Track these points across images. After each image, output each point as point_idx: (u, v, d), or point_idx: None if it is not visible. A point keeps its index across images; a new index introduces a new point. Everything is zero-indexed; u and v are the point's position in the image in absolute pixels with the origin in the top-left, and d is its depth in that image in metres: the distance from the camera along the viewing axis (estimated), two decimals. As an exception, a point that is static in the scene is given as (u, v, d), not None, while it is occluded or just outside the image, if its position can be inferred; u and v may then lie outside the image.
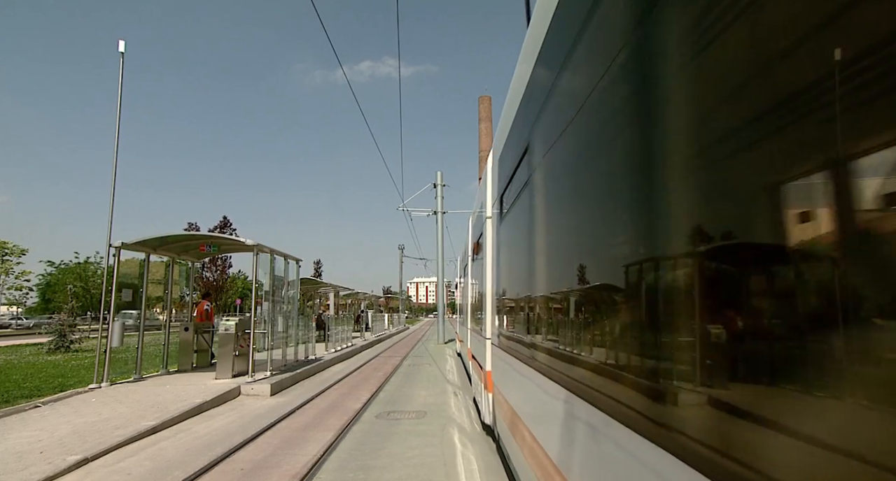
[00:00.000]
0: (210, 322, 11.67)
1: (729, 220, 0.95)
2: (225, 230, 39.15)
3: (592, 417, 1.55)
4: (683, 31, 1.05)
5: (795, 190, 0.78)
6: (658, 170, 1.17)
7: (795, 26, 0.75)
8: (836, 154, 0.69)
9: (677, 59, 1.08)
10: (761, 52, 0.83)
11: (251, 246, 9.31)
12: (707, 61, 0.97)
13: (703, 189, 1.01)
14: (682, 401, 1.03)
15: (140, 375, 9.41)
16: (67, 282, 36.53)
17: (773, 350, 0.82)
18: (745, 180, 0.89)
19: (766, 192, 0.84)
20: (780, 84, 0.79)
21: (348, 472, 4.49)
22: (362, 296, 31.93)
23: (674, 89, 1.11)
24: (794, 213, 0.78)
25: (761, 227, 0.87)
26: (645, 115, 1.24)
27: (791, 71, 0.76)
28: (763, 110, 0.83)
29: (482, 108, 37.32)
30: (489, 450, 5.09)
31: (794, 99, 0.75)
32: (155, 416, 6.23)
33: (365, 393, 8.84)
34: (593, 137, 1.64)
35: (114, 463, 4.74)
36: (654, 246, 1.20)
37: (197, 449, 5.21)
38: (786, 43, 0.78)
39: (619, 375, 1.37)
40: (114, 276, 8.93)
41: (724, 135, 0.94)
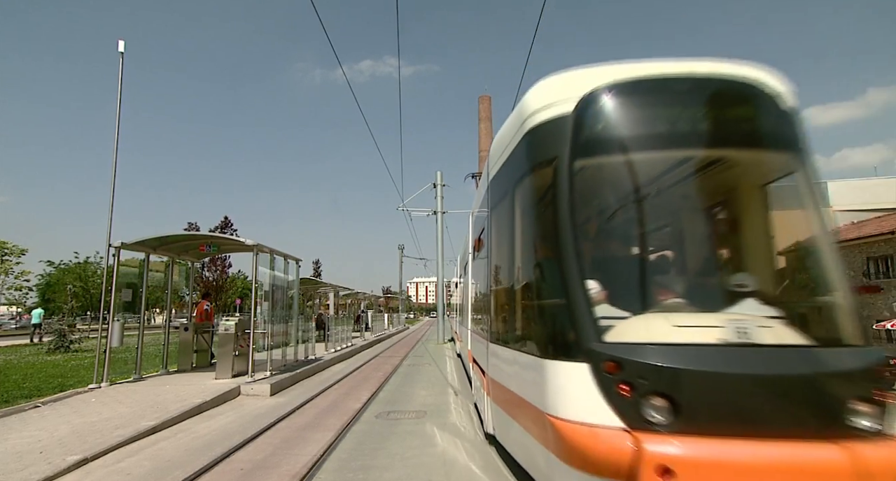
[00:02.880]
0: (210, 322, 11.67)
1: (505, 280, 4.37)
2: (226, 230, 39.11)
3: (499, 348, 4.63)
4: (503, 217, 4.38)
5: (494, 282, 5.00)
6: (501, 261, 4.62)
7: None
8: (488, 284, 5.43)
9: (501, 225, 4.51)
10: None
11: (251, 246, 9.31)
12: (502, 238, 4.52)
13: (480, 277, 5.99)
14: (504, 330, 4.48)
15: (140, 375, 9.41)
16: (67, 282, 36.52)
17: (498, 320, 4.76)
18: (504, 267, 4.40)
19: (492, 285, 5.05)
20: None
21: (348, 472, 4.48)
22: (362, 296, 31.90)
23: (495, 244, 4.91)
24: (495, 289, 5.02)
25: (506, 286, 4.39)
26: (506, 245, 4.28)
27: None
28: (508, 260, 4.19)
29: (482, 108, 37.29)
30: (488, 452, 5.08)
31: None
32: (155, 416, 6.22)
33: (365, 393, 8.83)
34: (490, 241, 5.17)
35: (113, 463, 4.73)
36: (498, 287, 4.74)
37: (197, 449, 5.20)
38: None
39: (496, 325, 4.85)
40: (114, 276, 8.92)
41: (502, 273, 4.50)
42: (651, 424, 2.63)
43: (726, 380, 2.67)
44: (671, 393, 2.65)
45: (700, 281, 3.66)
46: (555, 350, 3.11)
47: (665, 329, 2.90)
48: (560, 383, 2.99)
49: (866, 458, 2.40)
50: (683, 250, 3.85)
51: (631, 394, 2.70)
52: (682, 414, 2.62)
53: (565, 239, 3.13)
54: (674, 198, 3.68)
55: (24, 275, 38.76)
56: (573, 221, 3.15)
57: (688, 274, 3.73)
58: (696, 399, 2.65)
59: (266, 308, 9.84)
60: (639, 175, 3.49)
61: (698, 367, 2.69)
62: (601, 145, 3.32)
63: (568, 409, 2.90)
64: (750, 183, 3.60)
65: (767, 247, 3.51)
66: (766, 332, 2.81)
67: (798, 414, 2.64)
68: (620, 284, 3.37)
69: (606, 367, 2.78)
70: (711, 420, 2.60)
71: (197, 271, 33.25)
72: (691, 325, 2.91)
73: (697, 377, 2.68)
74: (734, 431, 2.55)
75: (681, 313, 3.11)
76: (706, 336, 2.82)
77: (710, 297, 3.35)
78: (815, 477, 2.42)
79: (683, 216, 3.84)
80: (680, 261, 3.78)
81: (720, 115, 3.34)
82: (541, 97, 3.56)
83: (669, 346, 2.80)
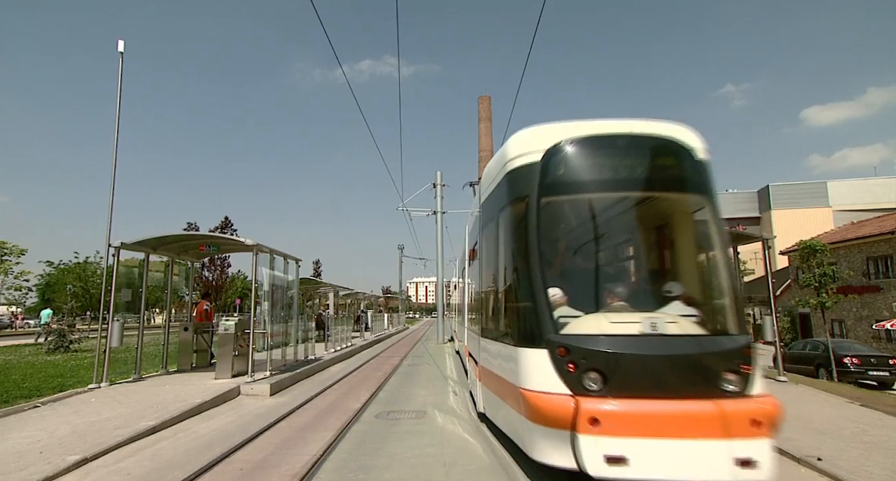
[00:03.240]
0: (209, 322, 11.66)
1: (491, 287, 5.54)
2: (226, 230, 39.08)
3: (483, 338, 6.08)
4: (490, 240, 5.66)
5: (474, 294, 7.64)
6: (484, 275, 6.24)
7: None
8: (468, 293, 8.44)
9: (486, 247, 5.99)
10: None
11: (251, 246, 9.30)
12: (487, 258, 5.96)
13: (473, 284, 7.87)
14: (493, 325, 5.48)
15: (139, 375, 9.41)
16: (67, 282, 36.47)
17: (486, 319, 5.98)
18: (491, 276, 5.60)
19: (483, 290, 6.33)
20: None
21: (348, 472, 4.49)
22: (362, 296, 31.90)
23: (484, 258, 6.15)
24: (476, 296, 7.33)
25: (488, 293, 5.87)
26: (492, 260, 5.45)
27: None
28: (490, 278, 5.66)
29: (482, 108, 37.27)
30: (485, 443, 5.09)
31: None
32: (154, 416, 6.22)
33: (364, 393, 8.84)
34: (481, 253, 6.43)
35: (113, 463, 4.73)
36: (487, 292, 5.91)
37: (196, 449, 5.21)
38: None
39: (486, 323, 5.99)
40: (113, 276, 8.92)
41: (488, 283, 5.80)
42: (587, 390, 3.78)
43: (639, 359, 3.83)
44: (602, 368, 3.81)
45: (636, 289, 4.79)
46: (524, 340, 4.25)
47: (603, 324, 4.04)
48: (527, 364, 4.14)
49: (727, 410, 3.57)
50: (624, 265, 5.12)
51: (575, 371, 3.84)
52: (608, 383, 3.78)
53: (534, 257, 4.29)
54: (616, 226, 4.88)
55: (24, 276, 38.71)
56: (540, 244, 4.32)
57: (628, 283, 4.88)
58: (619, 372, 3.79)
59: (266, 308, 9.84)
60: (590, 209, 4.75)
61: (620, 351, 3.84)
62: (562, 186, 4.53)
63: (532, 382, 4.04)
64: (672, 214, 4.81)
65: (686, 264, 4.71)
66: (672, 326, 3.97)
67: (687, 381, 3.78)
68: (577, 292, 4.44)
69: (559, 352, 3.92)
70: (628, 386, 3.75)
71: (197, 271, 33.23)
72: (621, 322, 4.03)
73: (619, 357, 3.82)
74: (643, 393, 3.70)
75: (618, 313, 4.20)
76: (629, 329, 3.93)
77: (644, 301, 4.39)
78: (694, 423, 3.56)
79: (624, 240, 5.09)
80: (622, 274, 5.03)
81: (649, 165, 4.55)
82: (518, 146, 4.77)
83: (602, 337, 3.93)
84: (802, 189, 51.68)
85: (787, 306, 30.04)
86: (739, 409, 3.61)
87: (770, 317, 9.72)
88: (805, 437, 5.27)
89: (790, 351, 18.10)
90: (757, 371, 3.86)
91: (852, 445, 5.02)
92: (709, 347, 3.94)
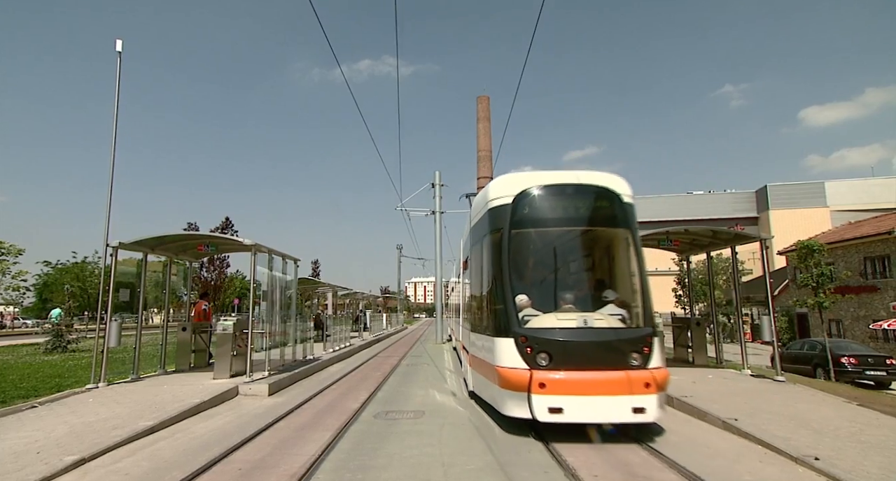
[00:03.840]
0: (208, 322, 11.64)
1: (477, 293, 7.36)
2: (226, 231, 38.98)
3: (471, 331, 7.90)
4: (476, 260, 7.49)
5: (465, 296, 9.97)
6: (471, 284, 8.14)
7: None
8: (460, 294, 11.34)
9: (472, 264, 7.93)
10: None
11: (249, 245, 9.29)
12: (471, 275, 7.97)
13: (466, 289, 9.35)
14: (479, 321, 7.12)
15: (137, 375, 9.39)
16: (65, 282, 36.40)
17: (474, 317, 7.63)
18: (477, 285, 7.45)
19: (472, 295, 8.09)
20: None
21: (346, 472, 4.48)
22: (360, 296, 31.89)
23: (473, 269, 7.86)
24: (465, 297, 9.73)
25: (473, 297, 7.83)
26: (478, 273, 7.24)
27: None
28: (475, 289, 7.64)
29: (481, 108, 37.26)
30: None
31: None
32: (152, 416, 6.21)
33: (363, 392, 8.83)
34: (470, 266, 8.10)
35: (111, 464, 4.72)
36: (474, 297, 7.68)
37: (195, 450, 5.20)
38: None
39: (473, 321, 7.68)
40: (111, 276, 8.90)
41: (475, 289, 7.57)
42: (539, 365, 5.50)
43: (574, 344, 5.56)
44: (549, 350, 5.52)
45: (581, 296, 6.30)
46: (498, 332, 5.97)
47: (553, 321, 5.78)
48: (500, 349, 5.85)
49: (630, 377, 5.33)
50: (572, 279, 6.68)
51: (531, 352, 5.55)
52: (553, 360, 5.49)
53: (506, 272, 6.03)
54: (566, 250, 6.71)
55: (21, 275, 38.58)
56: (511, 263, 6.10)
57: (574, 292, 6.32)
58: (560, 353, 5.51)
59: (264, 308, 9.83)
60: (547, 238, 6.64)
61: (561, 339, 5.58)
62: (527, 222, 6.32)
63: (503, 361, 5.77)
64: (606, 242, 6.73)
65: (616, 277, 6.48)
66: (598, 322, 5.74)
67: (605, 358, 5.49)
68: (538, 298, 6.12)
69: (521, 340, 5.62)
70: (566, 362, 5.46)
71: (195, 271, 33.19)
72: (565, 319, 5.77)
73: (561, 343, 5.56)
74: (576, 366, 5.44)
75: (565, 313, 5.92)
76: (569, 324, 5.69)
77: (586, 304, 6.11)
78: (608, 385, 5.31)
79: (572, 260, 6.82)
80: (570, 285, 6.50)
81: (589, 206, 6.39)
82: (496, 190, 6.57)
83: (550, 329, 5.67)
84: (800, 189, 51.83)
85: (785, 306, 30.11)
86: (638, 377, 5.37)
87: (768, 318, 9.74)
88: (802, 437, 5.28)
89: (788, 351, 18.15)
90: (654, 352, 5.58)
91: (849, 445, 5.03)
92: (622, 336, 5.70)
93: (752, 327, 23.06)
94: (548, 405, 5.32)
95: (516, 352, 5.62)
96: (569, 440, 5.39)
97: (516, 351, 5.62)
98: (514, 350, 5.64)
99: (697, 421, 6.43)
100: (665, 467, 4.58)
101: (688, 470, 4.40)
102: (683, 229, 10.62)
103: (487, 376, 6.42)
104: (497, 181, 6.80)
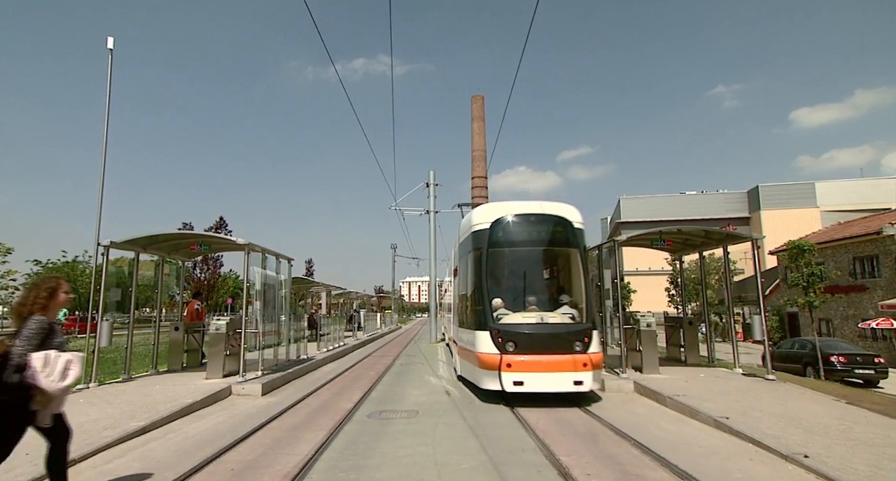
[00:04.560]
0: (201, 321, 11.57)
1: (463, 295, 9.20)
2: (220, 230, 38.74)
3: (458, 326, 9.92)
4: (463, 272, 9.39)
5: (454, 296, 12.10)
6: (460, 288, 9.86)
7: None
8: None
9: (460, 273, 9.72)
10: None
11: (242, 245, 9.24)
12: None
13: (456, 292, 11.15)
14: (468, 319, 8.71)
15: (129, 375, 9.31)
16: (55, 281, 35.94)
17: (461, 315, 9.46)
18: (463, 288, 9.25)
19: (459, 297, 10.12)
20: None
21: (339, 472, 4.48)
22: (354, 296, 31.81)
23: (460, 277, 9.78)
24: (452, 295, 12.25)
25: (459, 297, 10.01)
26: (464, 280, 9.11)
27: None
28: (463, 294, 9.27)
29: (475, 108, 37.25)
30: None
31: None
32: (144, 417, 6.16)
33: (357, 392, 8.82)
34: (459, 274, 9.94)
35: (102, 464, 4.68)
36: (461, 298, 9.59)
37: (187, 450, 5.16)
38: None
39: (461, 318, 9.51)
40: (103, 275, 8.82)
41: (462, 293, 9.43)
42: (507, 351, 7.30)
43: (533, 335, 7.40)
44: (514, 340, 7.34)
45: (542, 299, 8.17)
46: (478, 327, 7.81)
47: (519, 318, 7.62)
48: (480, 339, 7.63)
49: (574, 359, 7.23)
50: (535, 286, 8.50)
51: (501, 341, 7.35)
52: (517, 347, 7.30)
53: (484, 281, 7.94)
54: (531, 265, 8.59)
55: (11, 275, 38.10)
56: (488, 274, 8.02)
57: (536, 296, 8.15)
58: (522, 342, 7.32)
59: (258, 307, 9.78)
60: (515, 254, 8.47)
61: (524, 331, 7.41)
62: (500, 243, 8.18)
63: (481, 348, 7.55)
64: (561, 258, 8.63)
65: (569, 285, 8.34)
66: (552, 319, 7.60)
67: (556, 345, 7.32)
68: (509, 301, 7.93)
69: (494, 332, 7.44)
70: (526, 348, 7.30)
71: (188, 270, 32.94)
72: (528, 317, 7.61)
73: (523, 335, 7.39)
74: (534, 351, 7.28)
75: (529, 312, 7.75)
76: (530, 320, 7.54)
77: (546, 306, 7.99)
78: (557, 365, 7.18)
79: (535, 272, 8.68)
80: (534, 291, 8.31)
81: (548, 231, 8.36)
82: (478, 217, 8.43)
83: (516, 324, 7.52)
84: (791, 190, 52.36)
85: (775, 305, 30.39)
86: (579, 359, 7.27)
87: (759, 317, 9.83)
88: (792, 435, 5.34)
89: (779, 350, 18.33)
90: (593, 341, 7.49)
91: (838, 442, 5.10)
92: (569, 329, 7.57)
93: (744, 326, 23.27)
94: (513, 379, 7.22)
95: (491, 341, 7.46)
96: (527, 406, 7.33)
97: (491, 340, 7.46)
98: (489, 340, 7.48)
99: (689, 420, 6.48)
100: (657, 465, 4.62)
101: (679, 469, 4.44)
102: (676, 229, 10.71)
103: (470, 360, 8.28)
104: (478, 210, 8.85)
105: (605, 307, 10.17)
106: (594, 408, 7.17)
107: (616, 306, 9.62)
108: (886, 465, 4.38)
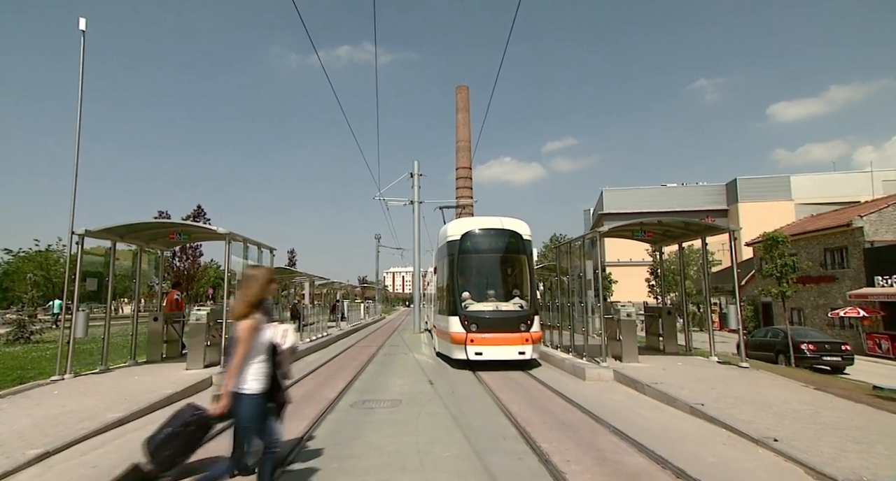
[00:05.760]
0: (181, 311, 11.37)
1: (440, 288, 12.46)
2: (198, 219, 37.91)
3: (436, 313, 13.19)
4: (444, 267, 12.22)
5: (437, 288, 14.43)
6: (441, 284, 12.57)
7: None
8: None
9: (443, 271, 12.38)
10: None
11: (223, 234, 9.09)
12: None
13: (435, 287, 15.19)
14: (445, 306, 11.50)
15: (106, 366, 9.13)
16: (27, 271, 34.91)
17: (438, 303, 12.96)
18: (441, 282, 12.40)
19: (437, 289, 13.81)
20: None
21: (323, 461, 4.49)
22: (338, 286, 31.61)
23: (438, 275, 13.16)
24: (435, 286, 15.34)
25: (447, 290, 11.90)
26: (441, 277, 12.26)
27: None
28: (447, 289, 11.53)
29: (460, 98, 37.05)
30: (461, 433, 5.21)
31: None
32: (122, 408, 6.07)
33: (340, 382, 8.82)
34: (437, 273, 13.45)
35: (78, 457, 4.60)
36: (439, 289, 12.91)
37: (167, 441, 5.10)
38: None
39: (439, 306, 12.67)
40: (77, 265, 8.59)
41: (440, 286, 12.62)
42: (471, 330, 10.19)
43: (491, 319, 10.32)
44: (476, 322, 10.25)
45: (499, 292, 10.85)
46: (451, 313, 10.61)
47: (481, 307, 10.54)
48: (452, 322, 10.49)
49: (520, 336, 10.18)
50: (493, 283, 11.03)
51: (467, 324, 10.25)
52: (479, 327, 10.22)
53: (455, 279, 10.92)
54: (490, 267, 11.49)
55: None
56: (458, 274, 11.01)
57: (494, 290, 10.82)
58: (482, 324, 10.23)
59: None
60: (479, 259, 11.38)
61: (484, 316, 10.35)
62: (467, 250, 11.15)
63: (453, 329, 10.44)
64: (514, 262, 11.62)
65: (520, 282, 11.25)
66: (505, 307, 10.57)
67: (507, 326, 10.25)
68: (474, 293, 10.72)
69: (462, 317, 10.34)
70: (485, 329, 10.19)
71: (167, 260, 32.25)
72: (488, 305, 10.59)
73: (484, 318, 10.33)
74: (491, 331, 10.16)
75: (489, 303, 10.65)
76: (489, 308, 10.52)
77: (502, 298, 10.77)
78: (507, 340, 10.12)
79: (493, 272, 11.41)
80: (493, 287, 10.91)
81: (504, 242, 11.35)
82: (452, 230, 11.43)
83: (478, 311, 10.45)
84: (768, 183, 53.54)
85: (751, 295, 31.26)
86: (523, 335, 10.08)
87: (735, 307, 10.12)
88: (763, 420, 5.54)
89: (753, 338, 18.90)
90: (535, 323, 10.39)
91: (806, 426, 5.31)
92: (518, 315, 10.32)
93: (720, 316, 23.91)
94: (475, 351, 9.95)
95: (460, 323, 10.21)
96: (484, 370, 9.95)
97: (459, 323, 10.21)
98: (458, 323, 10.23)
99: (667, 407, 6.66)
100: (635, 451, 4.75)
101: (656, 454, 4.57)
102: (657, 220, 10.92)
103: (445, 338, 11.06)
104: (452, 223, 11.92)
105: (586, 297, 10.35)
106: (573, 395, 7.30)
107: (597, 296, 9.77)
108: (850, 447, 4.59)
